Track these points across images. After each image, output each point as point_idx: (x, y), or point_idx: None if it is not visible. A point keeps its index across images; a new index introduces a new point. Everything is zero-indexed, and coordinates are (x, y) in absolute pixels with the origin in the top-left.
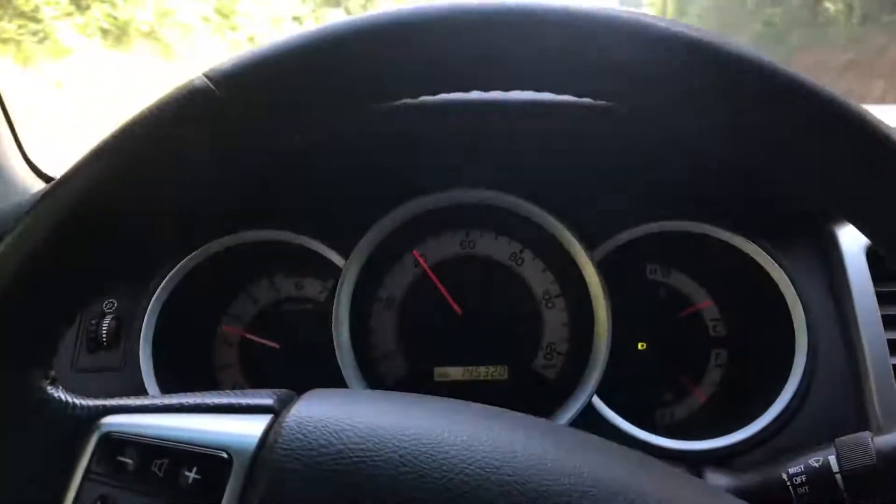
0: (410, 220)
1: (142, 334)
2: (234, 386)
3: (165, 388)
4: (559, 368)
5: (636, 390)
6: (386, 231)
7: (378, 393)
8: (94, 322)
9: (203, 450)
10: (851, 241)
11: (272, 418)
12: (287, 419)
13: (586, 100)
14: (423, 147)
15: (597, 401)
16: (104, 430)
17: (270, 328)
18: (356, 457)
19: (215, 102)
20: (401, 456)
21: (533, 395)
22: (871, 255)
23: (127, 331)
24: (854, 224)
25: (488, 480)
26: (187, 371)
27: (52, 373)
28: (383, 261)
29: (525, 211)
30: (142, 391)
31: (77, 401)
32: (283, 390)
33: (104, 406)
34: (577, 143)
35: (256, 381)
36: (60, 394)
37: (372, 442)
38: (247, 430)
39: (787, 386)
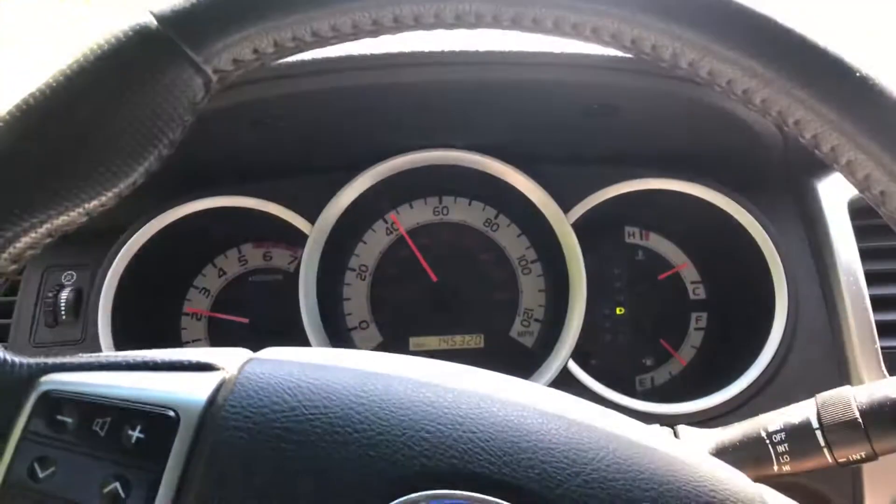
0: (381, 185)
1: (100, 305)
2: None
3: None
4: (536, 335)
5: (615, 356)
6: (355, 195)
7: (338, 350)
8: (51, 294)
9: (148, 408)
10: (833, 195)
11: (224, 375)
12: (239, 376)
13: (565, 50)
14: (393, 107)
15: (574, 366)
16: (43, 388)
17: (239, 301)
18: (310, 413)
19: (163, 43)
20: (357, 412)
21: (510, 362)
22: (854, 209)
23: (86, 303)
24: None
25: (450, 437)
26: (152, 346)
27: None
28: (354, 228)
29: (499, 172)
30: None
31: (15, 359)
32: (238, 348)
33: (44, 364)
34: (550, 101)
35: None
36: (2, 352)
37: (328, 398)
38: (195, 387)
39: (766, 346)
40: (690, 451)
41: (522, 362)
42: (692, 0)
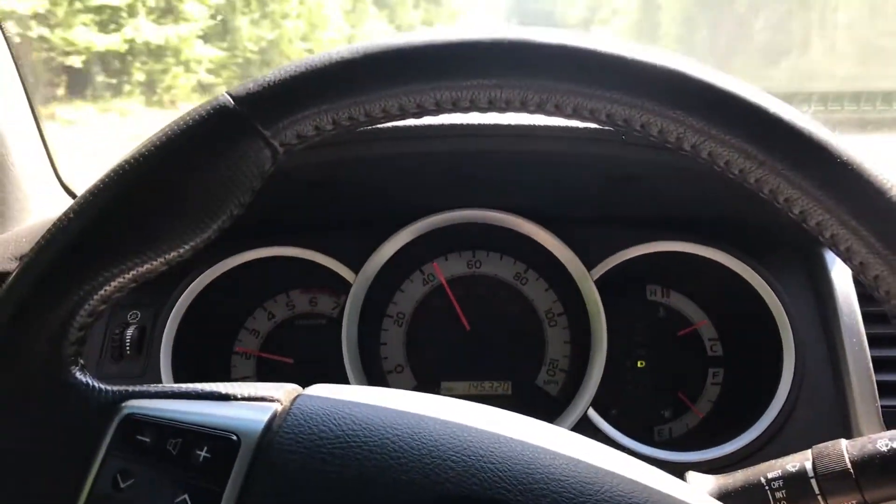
0: (420, 239)
1: (162, 343)
2: None
3: None
4: (561, 384)
5: (635, 407)
6: (395, 248)
7: (377, 388)
8: (118, 332)
9: (214, 431)
10: (839, 263)
11: (278, 407)
12: (292, 408)
13: (590, 126)
14: (432, 170)
15: (594, 415)
16: (125, 412)
17: (286, 342)
18: (352, 442)
19: (238, 120)
20: (393, 442)
21: (535, 409)
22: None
23: (149, 341)
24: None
25: (472, 467)
26: (206, 381)
27: (81, 360)
28: (393, 278)
29: (528, 231)
30: None
31: (102, 385)
32: (291, 384)
33: (126, 391)
34: (578, 167)
35: None
36: (87, 379)
37: (368, 429)
38: (254, 416)
39: (774, 401)
40: (688, 490)
41: (547, 409)
42: (689, 90)
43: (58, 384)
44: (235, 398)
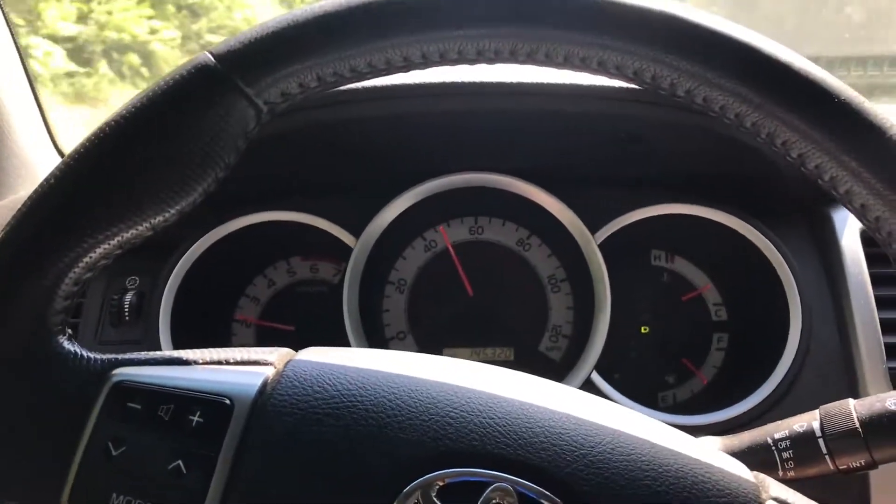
0: (421, 204)
1: (160, 309)
2: None
3: None
4: (564, 350)
5: (639, 372)
6: (397, 212)
7: (373, 350)
8: (116, 297)
9: (206, 396)
10: (846, 223)
11: (271, 370)
12: (285, 370)
13: (593, 83)
14: (433, 131)
15: (599, 379)
16: (115, 379)
17: (286, 309)
18: (348, 401)
19: (220, 78)
20: (389, 401)
21: (538, 374)
22: (867, 237)
23: (147, 306)
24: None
25: (471, 423)
26: (205, 347)
27: (69, 330)
28: (395, 244)
29: (531, 194)
30: None
31: (90, 354)
32: (284, 348)
33: (115, 359)
34: (582, 126)
35: None
36: (76, 347)
37: (363, 388)
38: (247, 380)
39: (780, 363)
40: (691, 441)
41: (549, 375)
42: (683, 33)
43: (44, 354)
44: (227, 363)
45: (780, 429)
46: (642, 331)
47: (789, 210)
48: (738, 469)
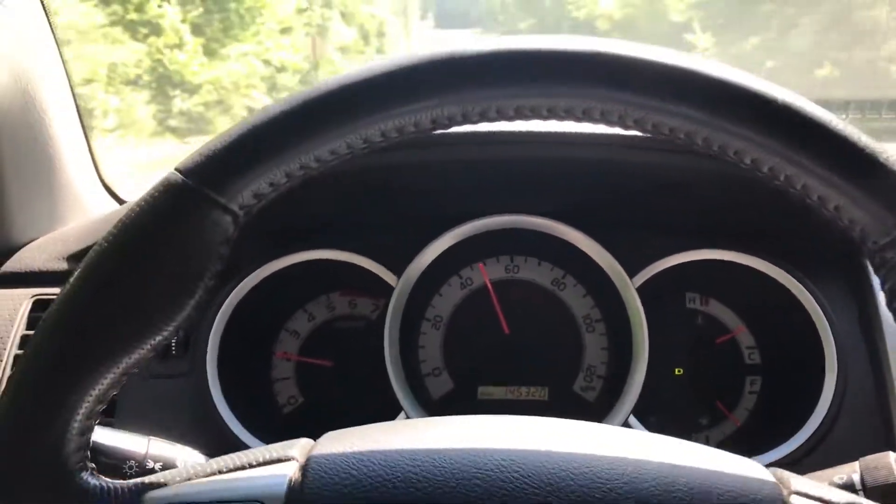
0: (459, 244)
1: (209, 344)
2: (290, 399)
3: (228, 396)
4: (598, 391)
5: (672, 414)
6: (438, 252)
7: (386, 425)
8: None
9: (239, 502)
10: None
11: (295, 465)
12: (310, 462)
13: (635, 134)
14: (475, 175)
15: (634, 422)
16: None
17: (325, 344)
18: (375, 482)
19: (192, 193)
20: (416, 474)
21: (573, 415)
22: None
23: (195, 341)
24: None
25: (498, 479)
26: (248, 381)
27: (91, 465)
28: (432, 282)
29: (568, 237)
30: (207, 396)
31: (117, 484)
32: (302, 439)
33: (142, 484)
34: (619, 174)
35: (311, 394)
36: (100, 481)
37: (387, 467)
38: (275, 478)
39: (816, 411)
40: (703, 449)
41: (584, 415)
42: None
43: (72, 493)
44: (251, 466)
45: (819, 480)
46: (676, 373)
47: (826, 259)
48: (756, 470)
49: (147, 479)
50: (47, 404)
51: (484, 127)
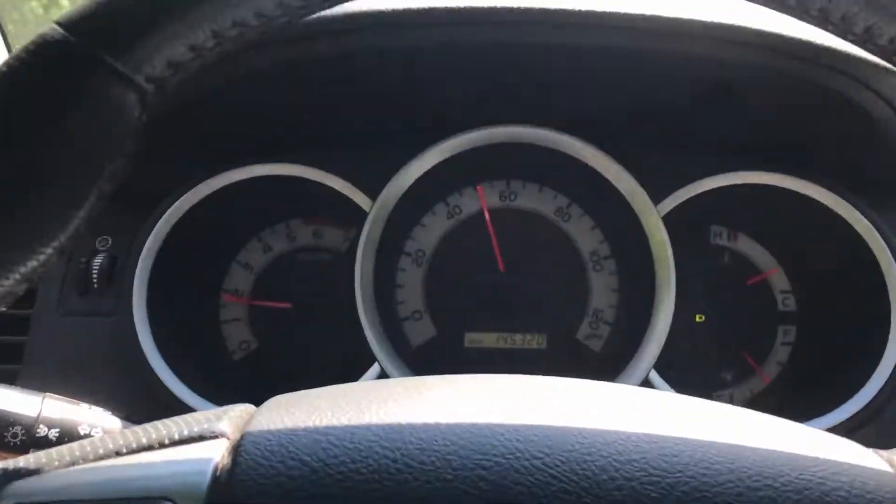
0: (446, 163)
1: (136, 276)
2: (241, 344)
3: (161, 341)
4: (605, 339)
5: (692, 367)
6: (421, 171)
7: (351, 387)
8: (84, 260)
9: (140, 501)
10: None
11: (223, 446)
12: (244, 441)
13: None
14: (467, 71)
15: (657, 378)
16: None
17: (284, 280)
18: (337, 473)
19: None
20: (394, 460)
21: (574, 367)
22: None
23: (121, 272)
24: None
25: (512, 468)
26: (188, 323)
27: None
28: (413, 209)
29: (580, 155)
30: (135, 342)
31: None
32: (238, 405)
33: (5, 470)
34: (656, 74)
35: (267, 339)
36: None
37: (354, 450)
38: (194, 465)
39: (876, 373)
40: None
41: (588, 367)
42: None
43: None
44: (164, 444)
45: None
46: (697, 319)
47: (891, 189)
48: (868, 458)
49: (10, 462)
50: None
51: (486, 3)
